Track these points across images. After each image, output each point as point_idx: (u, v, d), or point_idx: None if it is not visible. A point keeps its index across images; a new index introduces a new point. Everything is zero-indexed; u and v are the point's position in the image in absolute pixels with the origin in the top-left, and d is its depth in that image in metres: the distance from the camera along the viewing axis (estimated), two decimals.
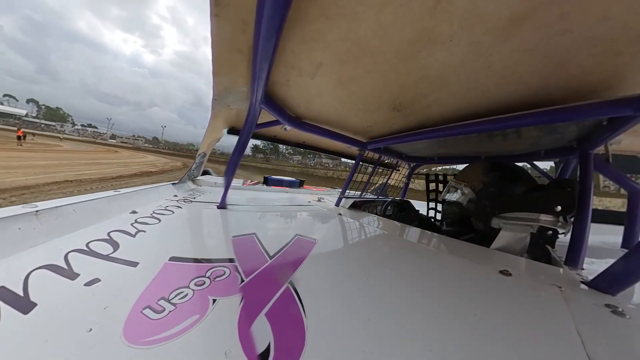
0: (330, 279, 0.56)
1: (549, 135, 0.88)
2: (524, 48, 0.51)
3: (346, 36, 0.54)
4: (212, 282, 0.47)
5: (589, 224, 0.75)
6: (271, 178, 2.34)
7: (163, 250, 0.58)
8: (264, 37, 0.51)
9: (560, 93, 0.65)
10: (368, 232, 1.02)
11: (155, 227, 0.73)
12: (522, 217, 0.79)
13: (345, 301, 0.47)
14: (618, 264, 0.53)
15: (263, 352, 0.32)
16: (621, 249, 0.98)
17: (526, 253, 0.79)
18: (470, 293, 0.54)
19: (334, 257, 0.72)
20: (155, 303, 0.39)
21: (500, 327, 0.42)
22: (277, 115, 0.97)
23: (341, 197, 1.59)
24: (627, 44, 0.47)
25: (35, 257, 0.48)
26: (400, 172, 1.98)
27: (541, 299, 0.53)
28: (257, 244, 0.70)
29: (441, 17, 0.46)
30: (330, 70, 0.69)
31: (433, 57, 0.58)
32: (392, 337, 0.38)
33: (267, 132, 1.39)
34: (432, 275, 0.63)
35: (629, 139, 0.90)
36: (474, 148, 1.24)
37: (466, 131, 0.88)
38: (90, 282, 0.43)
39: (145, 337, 0.33)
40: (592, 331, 0.42)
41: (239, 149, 1.08)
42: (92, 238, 0.58)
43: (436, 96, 0.78)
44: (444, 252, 0.82)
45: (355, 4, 0.46)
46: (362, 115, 1.02)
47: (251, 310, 0.40)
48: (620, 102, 0.58)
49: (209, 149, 1.61)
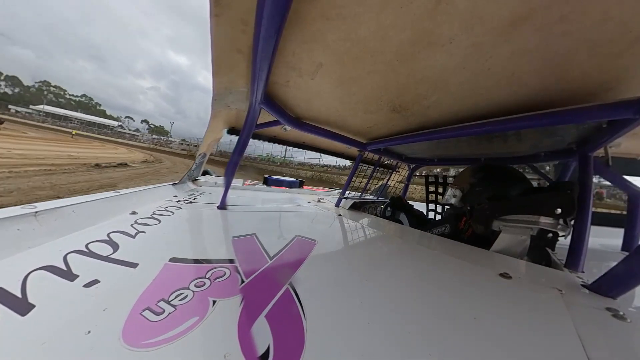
0: (330, 281, 0.56)
1: (548, 137, 0.88)
2: (524, 50, 0.51)
3: (346, 37, 0.54)
4: (212, 283, 0.47)
5: (589, 226, 0.75)
6: (271, 178, 2.33)
7: (163, 251, 0.58)
8: (264, 37, 0.51)
9: (560, 95, 0.65)
10: (368, 233, 1.02)
11: (155, 227, 0.73)
12: (522, 220, 0.79)
13: (345, 303, 0.47)
14: (618, 267, 0.53)
15: (263, 355, 0.32)
16: (621, 251, 0.98)
17: (526, 256, 0.79)
18: (470, 296, 0.54)
19: (334, 258, 0.72)
20: (155, 305, 0.39)
21: (501, 331, 0.42)
22: (277, 116, 0.97)
23: (341, 197, 1.58)
24: (627, 46, 0.47)
25: (34, 258, 0.48)
26: (400, 173, 1.98)
27: (541, 302, 0.53)
28: (257, 244, 0.70)
29: (441, 19, 0.46)
30: (330, 70, 0.69)
31: (433, 58, 0.58)
32: (392, 340, 0.38)
33: (267, 132, 1.39)
34: (432, 278, 0.63)
35: (629, 141, 0.90)
36: (473, 150, 1.24)
37: (466, 133, 0.88)
38: (89, 283, 0.43)
39: (144, 339, 0.33)
40: (593, 335, 0.42)
41: (238, 149, 1.08)
42: (91, 239, 0.58)
43: (436, 98, 0.78)
44: (443, 254, 0.82)
45: (356, 4, 0.46)
46: (362, 116, 1.02)
47: (251, 312, 0.40)
48: (620, 104, 0.58)
49: (209, 149, 1.61)
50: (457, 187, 1.07)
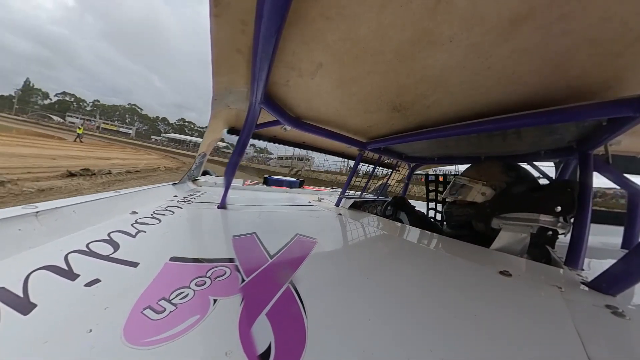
0: (330, 279, 0.56)
1: (548, 135, 0.88)
2: (524, 49, 0.51)
3: (346, 37, 0.54)
4: (212, 282, 0.47)
5: (588, 224, 0.75)
6: (271, 178, 2.33)
7: (163, 250, 0.58)
8: (263, 37, 0.51)
9: (560, 94, 0.65)
10: (368, 232, 1.02)
11: (155, 227, 0.73)
12: (522, 218, 0.79)
13: (345, 301, 0.47)
14: (618, 265, 0.53)
15: (264, 352, 0.32)
16: (621, 249, 0.98)
17: (526, 253, 0.79)
18: (470, 293, 0.54)
19: (334, 257, 0.72)
20: (156, 303, 0.39)
21: (501, 328, 0.42)
22: (277, 116, 0.97)
23: (341, 197, 1.59)
24: (627, 45, 0.47)
25: (35, 258, 0.48)
26: (400, 172, 1.98)
27: (541, 300, 0.53)
28: (257, 243, 0.70)
29: (441, 18, 0.46)
30: (330, 70, 0.69)
31: (433, 57, 0.58)
32: (393, 337, 0.38)
33: (267, 132, 1.39)
34: (432, 276, 0.63)
35: (629, 139, 0.90)
36: (473, 148, 1.24)
37: (466, 132, 0.88)
38: (90, 282, 0.43)
39: (145, 337, 0.33)
40: (592, 332, 0.42)
41: (238, 149, 1.08)
42: (92, 239, 0.58)
43: (436, 97, 0.78)
44: (444, 252, 0.82)
45: (356, 4, 0.46)
46: (362, 115, 1.02)
47: (252, 310, 0.40)
48: (620, 102, 0.58)
49: (209, 149, 1.61)
50: (485, 183, 0.93)
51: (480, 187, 0.93)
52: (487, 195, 0.92)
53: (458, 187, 1.02)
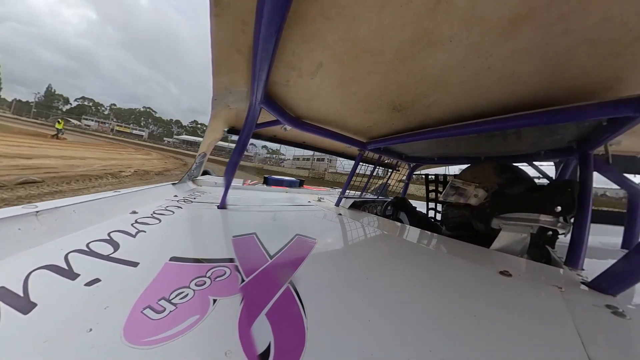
0: (330, 279, 0.56)
1: (548, 135, 0.88)
2: (524, 49, 0.51)
3: (346, 37, 0.54)
4: (212, 282, 0.47)
5: (588, 224, 0.75)
6: (271, 178, 2.33)
7: (163, 250, 0.58)
8: (263, 37, 0.51)
9: (560, 94, 0.65)
10: (368, 232, 1.02)
11: (155, 227, 0.73)
12: (522, 218, 0.79)
13: (345, 301, 0.47)
14: (618, 265, 0.53)
15: (263, 352, 0.32)
16: (621, 249, 0.98)
17: (526, 254, 0.79)
18: (470, 294, 0.54)
19: (334, 257, 0.72)
20: (156, 303, 0.39)
21: (501, 328, 0.42)
22: (277, 115, 0.97)
23: (341, 197, 1.59)
24: (627, 45, 0.46)
25: (35, 257, 0.48)
26: (400, 172, 1.98)
27: (541, 300, 0.53)
28: (257, 243, 0.70)
29: (441, 18, 0.46)
30: (330, 70, 0.69)
31: (433, 57, 0.58)
32: (393, 338, 0.38)
33: (267, 132, 1.39)
34: (432, 276, 0.63)
35: (629, 139, 0.90)
36: (473, 149, 1.24)
37: (466, 132, 0.88)
38: (90, 282, 0.43)
39: (145, 337, 0.33)
40: (593, 332, 0.42)
41: (238, 149, 1.08)
42: (92, 238, 0.58)
43: (436, 97, 0.78)
44: (444, 252, 0.82)
45: (356, 4, 0.46)
46: (362, 115, 1.02)
47: (252, 310, 0.40)
48: (620, 102, 0.58)
49: (209, 149, 1.61)
50: (478, 185, 0.94)
51: (473, 189, 0.95)
52: (480, 197, 0.93)
53: (453, 189, 1.03)
